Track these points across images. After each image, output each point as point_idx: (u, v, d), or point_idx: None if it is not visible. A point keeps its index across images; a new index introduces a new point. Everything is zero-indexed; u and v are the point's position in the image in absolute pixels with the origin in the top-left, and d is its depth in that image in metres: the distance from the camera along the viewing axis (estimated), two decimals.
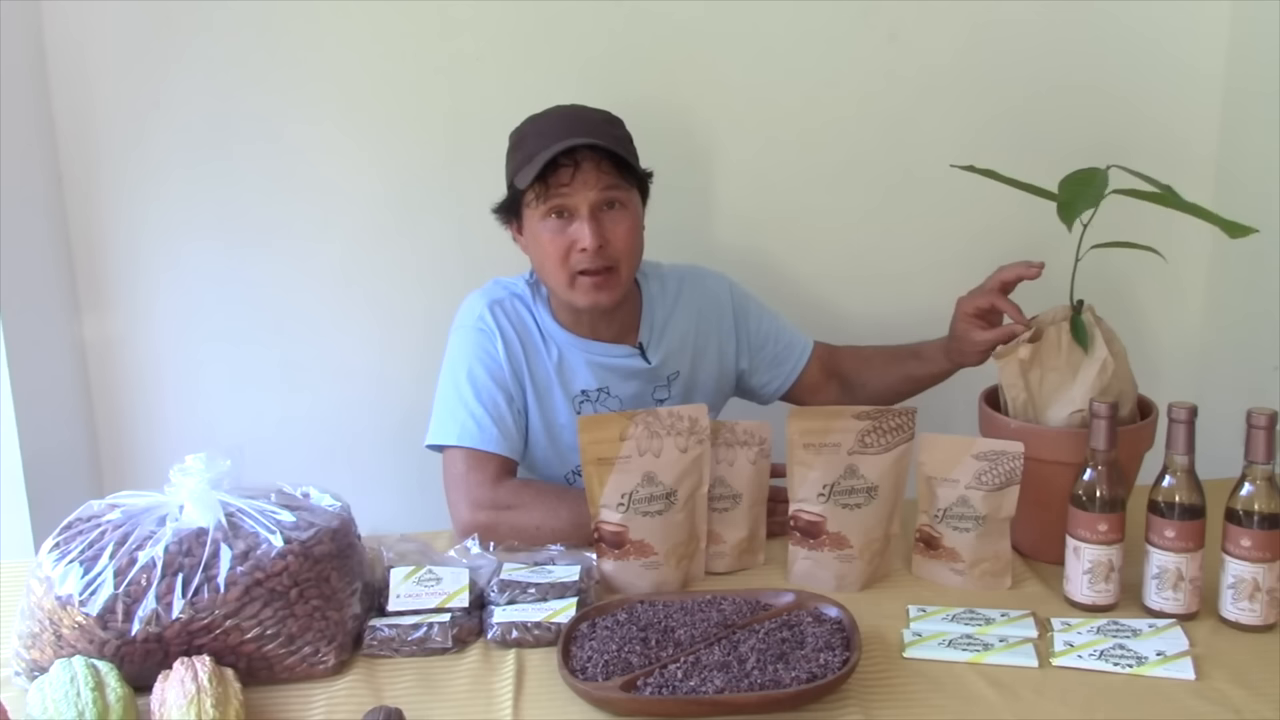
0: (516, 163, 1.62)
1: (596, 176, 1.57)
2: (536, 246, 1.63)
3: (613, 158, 1.57)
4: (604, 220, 1.59)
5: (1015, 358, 1.50)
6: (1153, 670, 1.24)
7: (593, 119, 1.62)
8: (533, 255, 1.66)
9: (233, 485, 1.32)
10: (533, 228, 1.62)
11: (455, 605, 1.33)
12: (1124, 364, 1.50)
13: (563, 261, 1.59)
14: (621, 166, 1.59)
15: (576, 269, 1.59)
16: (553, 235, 1.59)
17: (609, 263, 1.59)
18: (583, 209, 1.58)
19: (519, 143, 1.64)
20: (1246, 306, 2.12)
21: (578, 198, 1.57)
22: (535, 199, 1.59)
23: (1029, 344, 1.50)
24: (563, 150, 1.54)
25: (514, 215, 1.66)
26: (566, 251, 1.59)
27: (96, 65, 1.96)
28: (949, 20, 2.05)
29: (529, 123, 1.64)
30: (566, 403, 1.68)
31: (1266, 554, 1.30)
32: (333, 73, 2.00)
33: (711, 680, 1.17)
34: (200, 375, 2.11)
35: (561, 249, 1.59)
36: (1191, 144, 2.13)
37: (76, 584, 1.21)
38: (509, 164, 1.65)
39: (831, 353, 1.85)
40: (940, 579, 1.46)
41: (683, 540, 1.44)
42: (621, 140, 1.63)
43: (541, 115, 1.64)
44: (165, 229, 2.04)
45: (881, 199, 2.13)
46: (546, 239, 1.60)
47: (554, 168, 1.55)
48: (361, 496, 1.45)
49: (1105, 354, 1.47)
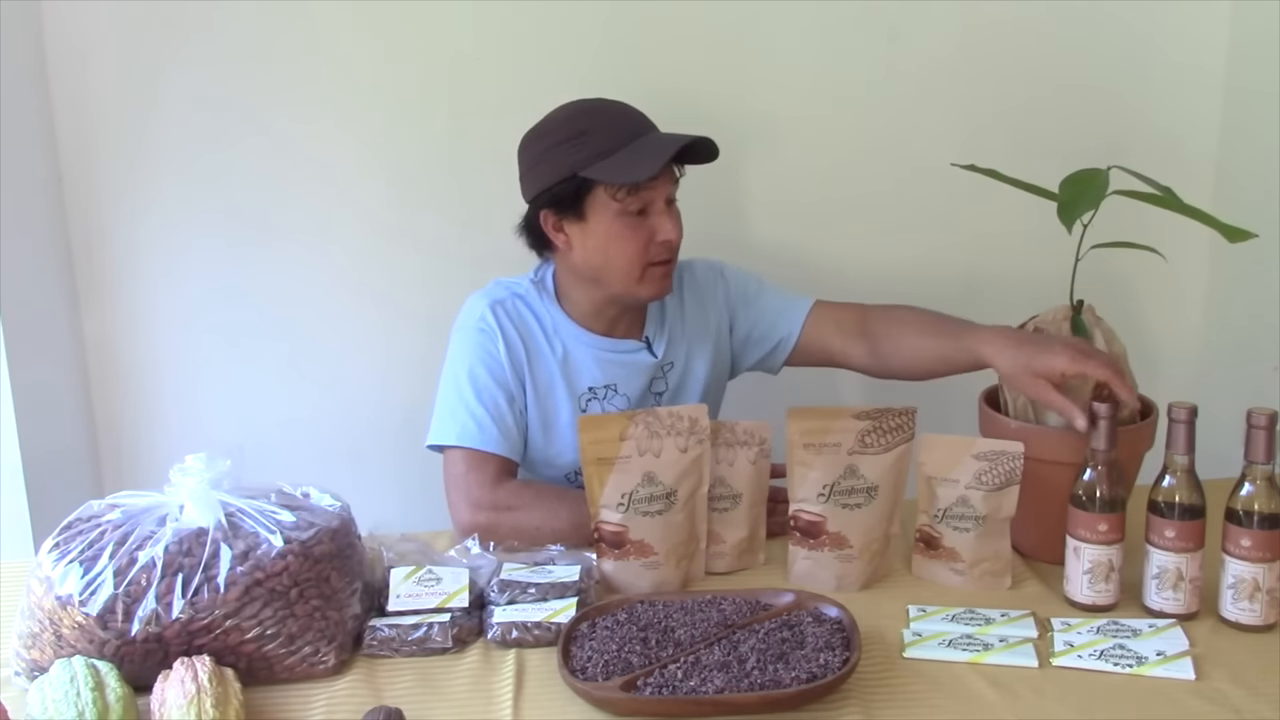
0: (585, 156, 1.57)
1: (671, 171, 1.62)
2: (606, 241, 1.60)
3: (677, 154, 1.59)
4: (673, 213, 1.64)
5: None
6: (1153, 670, 1.24)
7: (643, 115, 1.64)
8: (594, 249, 1.62)
9: (233, 485, 1.32)
10: (603, 221, 1.60)
11: (455, 605, 1.33)
12: (1124, 364, 1.50)
13: (640, 253, 1.61)
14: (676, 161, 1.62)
15: (654, 260, 1.62)
16: (632, 229, 1.60)
17: (674, 254, 1.65)
18: (659, 202, 1.61)
19: (579, 137, 1.58)
20: (1246, 306, 2.12)
21: (658, 192, 1.61)
22: (622, 193, 1.58)
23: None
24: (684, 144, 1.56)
25: (569, 210, 1.61)
26: (646, 244, 1.61)
27: (96, 65, 1.96)
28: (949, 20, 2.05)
29: (576, 117, 1.61)
30: (570, 402, 1.68)
31: (1266, 554, 1.30)
32: (333, 72, 2.00)
33: (711, 680, 1.17)
34: (200, 375, 2.11)
35: (642, 241, 1.60)
36: (1191, 144, 2.13)
37: (76, 584, 1.21)
38: (564, 158, 1.58)
39: (860, 313, 1.72)
40: (940, 579, 1.46)
41: (683, 540, 1.44)
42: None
43: (587, 109, 1.62)
44: (165, 229, 2.04)
45: (881, 199, 2.13)
46: (625, 233, 1.60)
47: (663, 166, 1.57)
48: (362, 496, 1.45)
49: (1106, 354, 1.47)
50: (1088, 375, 1.39)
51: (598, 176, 1.57)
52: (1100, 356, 1.41)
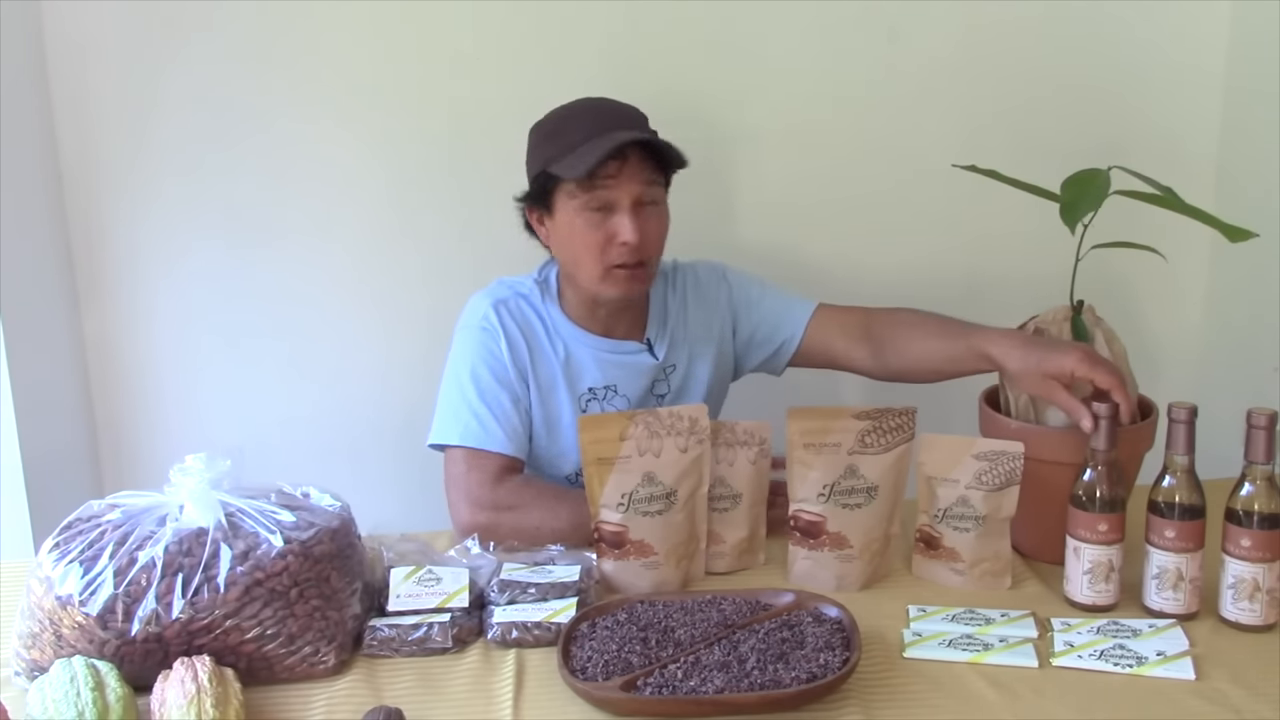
0: (553, 152, 1.60)
1: (640, 172, 1.58)
2: (569, 237, 1.62)
3: (655, 155, 1.58)
4: (641, 216, 1.59)
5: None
6: (1153, 670, 1.24)
7: (631, 114, 1.63)
8: (561, 245, 1.64)
9: (233, 485, 1.32)
10: (566, 218, 1.61)
11: (455, 605, 1.33)
12: (1124, 364, 1.50)
13: (599, 254, 1.59)
14: (660, 163, 1.60)
15: (613, 262, 1.59)
16: (591, 228, 1.59)
17: (643, 258, 1.60)
18: (624, 203, 1.58)
19: (554, 132, 1.62)
20: (1246, 306, 2.12)
21: (621, 191, 1.58)
22: (577, 190, 1.58)
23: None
24: (625, 142, 1.54)
25: (541, 204, 1.65)
26: (604, 244, 1.59)
27: (96, 65, 1.96)
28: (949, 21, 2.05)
29: (562, 112, 1.63)
30: (571, 402, 1.68)
31: (1266, 554, 1.30)
32: (333, 72, 2.00)
33: (711, 680, 1.17)
34: (200, 375, 2.11)
35: (599, 241, 1.59)
36: (1191, 144, 2.13)
37: (76, 584, 1.21)
38: (540, 152, 1.63)
39: (864, 316, 1.72)
40: (940, 579, 1.46)
41: (683, 540, 1.44)
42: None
43: (575, 106, 1.64)
44: (165, 229, 2.04)
45: (881, 200, 2.13)
46: (584, 231, 1.59)
47: (601, 161, 1.55)
48: (362, 496, 1.45)
49: (1106, 354, 1.47)
50: (1094, 381, 1.39)
51: (554, 170, 1.59)
52: (1108, 365, 1.41)
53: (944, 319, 1.65)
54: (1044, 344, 1.46)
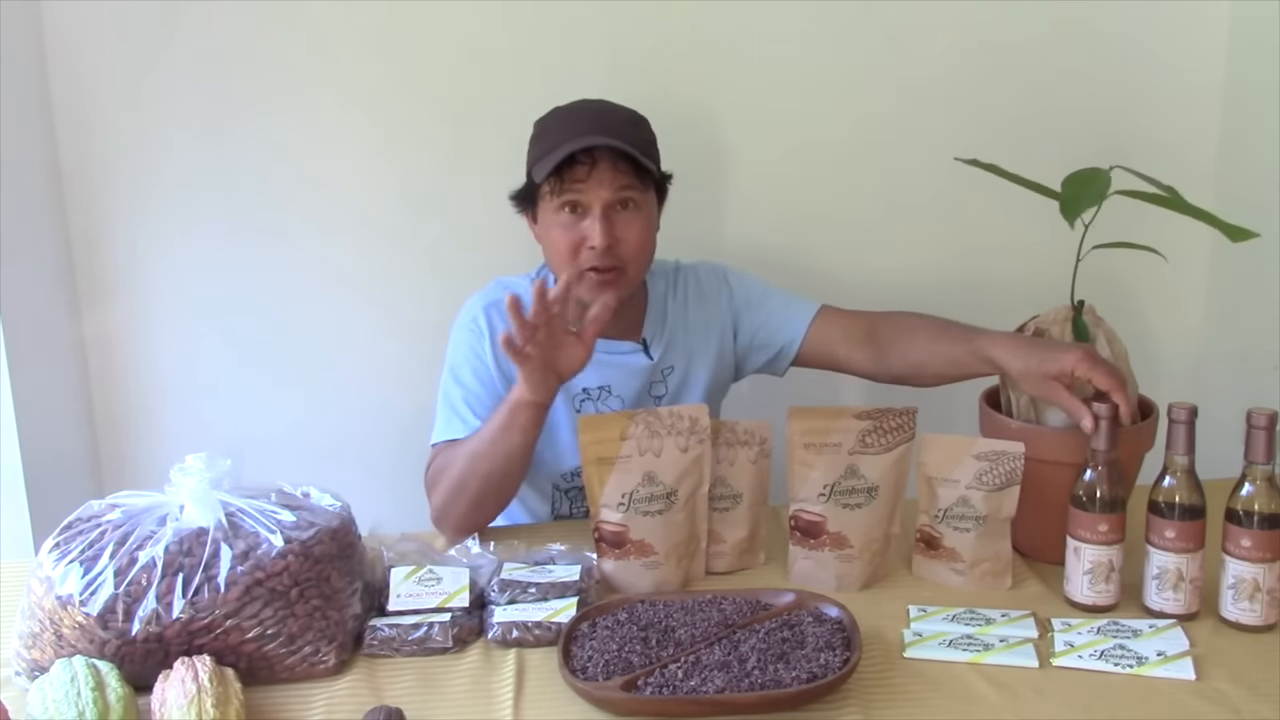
0: (536, 153, 1.62)
1: (613, 176, 1.57)
2: (548, 238, 1.63)
3: (630, 158, 1.57)
4: (616, 220, 1.58)
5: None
6: (1153, 670, 1.24)
7: (618, 117, 1.62)
8: (544, 246, 1.66)
9: (233, 485, 1.32)
10: (545, 219, 1.62)
11: (455, 605, 1.33)
12: (1125, 364, 1.50)
13: (572, 256, 1.59)
14: (639, 167, 1.59)
15: (585, 265, 1.59)
16: (564, 230, 1.59)
17: (617, 263, 1.59)
18: (595, 206, 1.57)
19: (541, 133, 1.64)
20: (1246, 306, 2.12)
21: (591, 195, 1.57)
22: (550, 192, 1.59)
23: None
24: (580, 148, 1.54)
25: (530, 204, 1.66)
26: (576, 247, 1.58)
27: (96, 65, 1.96)
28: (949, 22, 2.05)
29: (554, 114, 1.64)
30: (565, 403, 1.67)
31: (1266, 554, 1.30)
32: (334, 71, 2.00)
33: (712, 680, 1.17)
34: (201, 375, 2.11)
35: (572, 243, 1.59)
36: (1191, 145, 2.13)
37: (77, 584, 1.21)
38: (530, 153, 1.65)
39: (866, 319, 1.72)
40: (940, 579, 1.46)
41: (683, 540, 1.44)
42: (642, 142, 1.62)
43: (567, 108, 1.64)
44: (165, 228, 2.04)
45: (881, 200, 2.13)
46: (558, 233, 1.60)
47: (571, 163, 1.55)
48: (362, 496, 1.45)
49: (1107, 354, 1.47)
50: (1095, 381, 1.39)
51: (531, 171, 1.61)
52: (1108, 365, 1.41)
53: (946, 322, 1.65)
54: (1045, 345, 1.46)
